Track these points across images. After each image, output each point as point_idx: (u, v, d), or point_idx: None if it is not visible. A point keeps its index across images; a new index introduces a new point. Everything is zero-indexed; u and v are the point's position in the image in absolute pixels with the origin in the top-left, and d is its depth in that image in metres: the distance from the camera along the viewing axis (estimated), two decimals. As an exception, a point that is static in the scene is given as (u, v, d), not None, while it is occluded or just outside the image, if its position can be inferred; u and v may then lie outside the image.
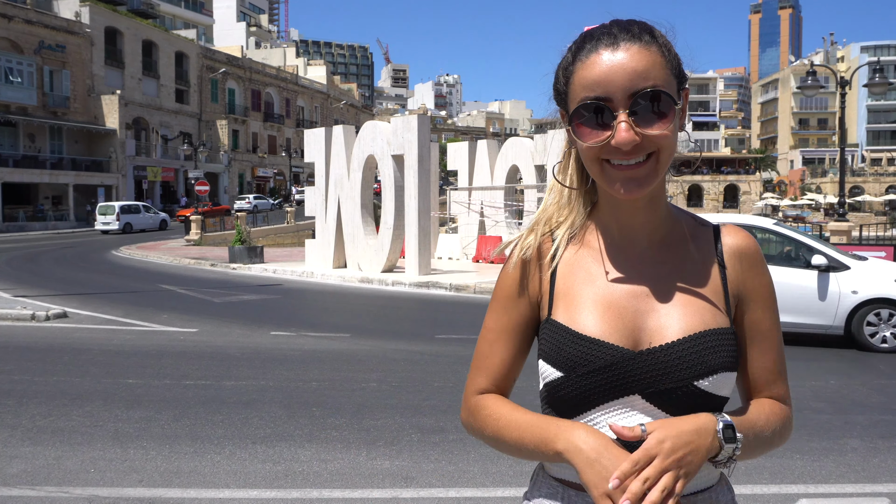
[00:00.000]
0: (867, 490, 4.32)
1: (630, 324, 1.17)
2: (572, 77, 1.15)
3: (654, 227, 1.22)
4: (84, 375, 7.34)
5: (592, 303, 1.19)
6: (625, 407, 1.15)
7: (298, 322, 11.02)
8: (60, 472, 4.60)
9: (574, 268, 1.24)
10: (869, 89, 19.59)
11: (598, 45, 1.12)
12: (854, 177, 72.65)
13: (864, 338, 8.67)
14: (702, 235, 1.26)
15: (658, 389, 1.14)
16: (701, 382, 1.14)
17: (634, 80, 1.09)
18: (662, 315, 1.17)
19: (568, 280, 1.23)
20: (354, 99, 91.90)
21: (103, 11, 50.11)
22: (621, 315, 1.17)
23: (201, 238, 30.71)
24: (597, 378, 1.14)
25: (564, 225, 1.27)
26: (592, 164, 1.15)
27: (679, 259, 1.22)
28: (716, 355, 1.14)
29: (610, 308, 1.18)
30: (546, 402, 1.23)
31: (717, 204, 74.71)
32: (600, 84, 1.11)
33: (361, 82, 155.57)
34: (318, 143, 19.13)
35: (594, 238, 1.25)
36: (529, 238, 1.28)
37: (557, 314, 1.21)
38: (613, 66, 1.10)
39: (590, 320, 1.17)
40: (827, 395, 6.57)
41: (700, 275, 1.22)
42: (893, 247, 12.95)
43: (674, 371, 1.13)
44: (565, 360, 1.16)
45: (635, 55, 1.10)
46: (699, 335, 1.15)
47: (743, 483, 4.35)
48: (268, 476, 4.54)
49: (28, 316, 11.06)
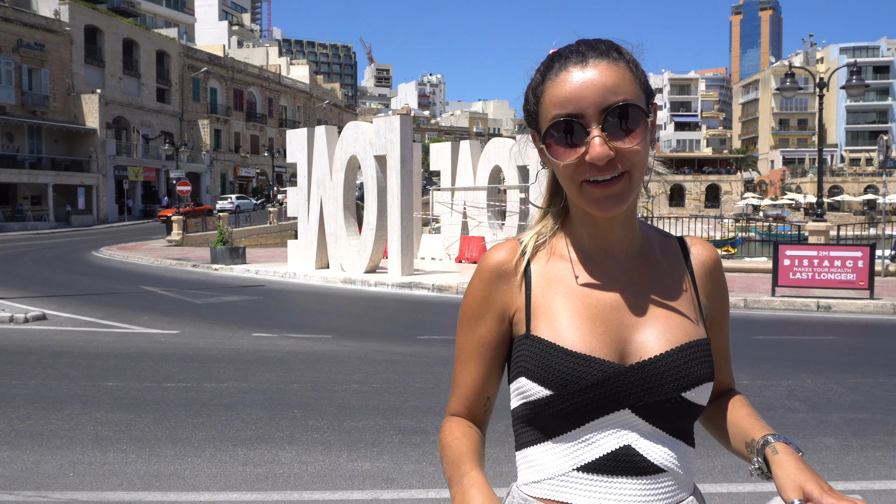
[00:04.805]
0: (840, 488, 4.36)
1: (616, 337, 1.16)
2: (543, 96, 1.15)
3: (630, 241, 1.23)
4: (63, 378, 7.29)
5: (577, 317, 1.17)
6: (615, 422, 1.14)
7: (280, 323, 11.00)
8: (39, 475, 4.57)
9: (551, 282, 1.20)
10: (847, 91, 19.83)
11: (567, 63, 1.12)
12: (833, 177, 73.46)
13: None
14: (670, 248, 1.28)
15: (648, 403, 1.13)
16: (688, 394, 1.15)
17: (605, 95, 1.09)
18: (647, 328, 1.17)
19: (546, 294, 1.19)
20: (337, 98, 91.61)
21: (83, 9, 49.60)
22: (608, 329, 1.16)
23: (183, 239, 30.52)
24: (589, 395, 1.12)
25: (532, 239, 1.25)
26: (570, 185, 1.14)
27: (654, 272, 1.23)
28: (700, 366, 1.16)
29: (595, 322, 1.16)
30: (526, 422, 1.20)
31: (698, 204, 75.26)
32: (571, 101, 1.11)
33: (344, 82, 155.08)
34: (301, 144, 19.09)
35: (569, 252, 1.23)
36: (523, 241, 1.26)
37: (539, 330, 1.17)
38: (584, 82, 1.10)
39: (577, 336, 1.15)
40: (802, 393, 6.66)
41: (675, 287, 1.24)
42: (870, 246, 13.12)
43: (664, 384, 1.14)
44: (555, 377, 1.13)
45: (604, 71, 1.11)
46: (684, 347, 1.16)
47: (718, 482, 4.42)
48: (248, 478, 4.54)
49: (6, 318, 10.96)
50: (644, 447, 1.14)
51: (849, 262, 12.70)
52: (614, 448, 1.14)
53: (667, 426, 1.16)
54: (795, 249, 13.32)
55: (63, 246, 30.68)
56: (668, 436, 1.16)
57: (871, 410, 6.16)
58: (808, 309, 12.43)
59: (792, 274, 12.96)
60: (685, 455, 1.19)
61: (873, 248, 13.10)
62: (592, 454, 1.14)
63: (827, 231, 18.58)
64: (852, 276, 12.63)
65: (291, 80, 78.05)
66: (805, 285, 12.92)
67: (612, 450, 1.14)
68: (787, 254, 13.08)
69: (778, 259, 13.08)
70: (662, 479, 1.15)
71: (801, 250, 13.24)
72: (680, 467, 1.17)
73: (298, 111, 77.38)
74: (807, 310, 12.42)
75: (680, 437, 1.18)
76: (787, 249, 13.24)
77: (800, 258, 12.94)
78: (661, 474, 1.15)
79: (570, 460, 1.15)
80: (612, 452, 1.14)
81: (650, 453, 1.14)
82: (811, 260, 12.84)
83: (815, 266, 12.81)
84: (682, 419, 1.17)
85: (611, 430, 1.14)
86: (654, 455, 1.14)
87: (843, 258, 12.79)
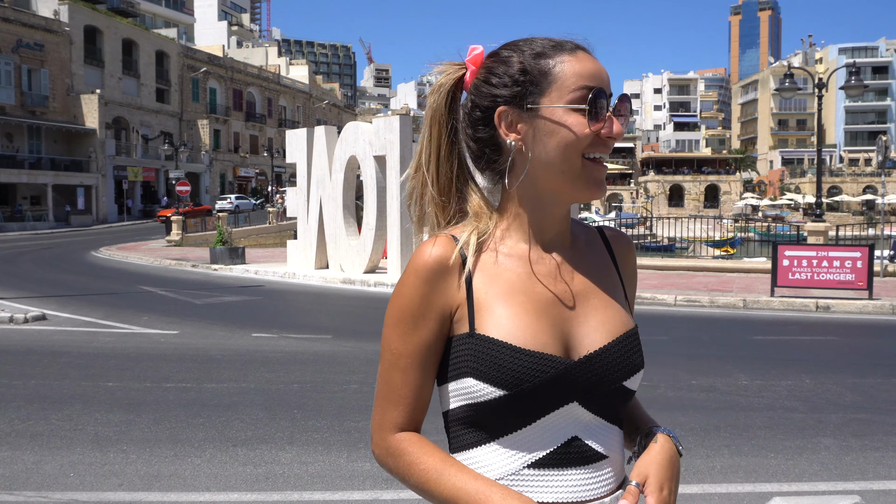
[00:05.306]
0: (839, 488, 4.41)
1: (560, 332, 1.16)
2: (556, 68, 1.15)
3: (566, 235, 1.25)
4: (63, 378, 7.30)
5: (523, 313, 1.15)
6: (563, 416, 1.14)
7: (280, 323, 11.01)
8: (39, 476, 4.58)
9: (492, 278, 1.17)
10: (846, 91, 19.84)
11: (577, 47, 1.17)
12: (832, 177, 73.50)
13: None
14: (594, 240, 1.31)
15: (594, 394, 1.15)
16: (628, 382, 1.18)
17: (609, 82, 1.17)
18: (588, 320, 1.19)
19: (489, 291, 1.16)
20: (337, 99, 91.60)
21: (82, 10, 49.58)
22: (553, 324, 1.16)
23: (182, 239, 30.51)
24: (543, 392, 1.11)
25: (474, 233, 1.20)
26: (574, 159, 1.15)
27: (587, 265, 1.25)
28: (636, 354, 1.19)
29: (541, 318, 1.15)
30: (468, 423, 1.17)
31: (697, 204, 75.35)
32: (596, 77, 1.15)
33: (344, 82, 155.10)
34: (300, 144, 19.09)
35: (507, 247, 1.20)
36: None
37: (485, 328, 1.13)
38: (600, 65, 1.16)
39: (528, 333, 1.13)
40: (801, 394, 6.67)
41: (607, 279, 1.26)
42: (869, 247, 13.13)
43: (609, 375, 1.16)
44: (508, 377, 1.10)
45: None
46: (623, 337, 1.19)
47: (718, 482, 4.43)
48: (248, 479, 4.55)
49: (6, 319, 10.96)
50: (589, 437, 1.16)
51: (848, 262, 12.71)
52: (563, 441, 1.15)
53: (607, 414, 1.18)
54: (794, 250, 13.34)
55: (62, 246, 30.67)
56: (607, 423, 1.19)
57: (869, 411, 6.17)
58: (807, 309, 12.45)
59: (791, 274, 12.97)
60: (620, 439, 1.23)
61: (872, 249, 13.11)
62: (543, 450, 1.14)
63: (826, 231, 18.59)
64: (851, 277, 12.64)
65: (291, 80, 78.03)
66: (804, 286, 12.93)
67: (562, 443, 1.15)
68: (786, 254, 13.09)
69: (777, 259, 13.10)
70: (605, 466, 1.18)
71: (800, 251, 13.25)
72: (618, 451, 1.21)
73: (298, 111, 77.36)
74: (806, 310, 12.43)
75: (615, 423, 1.21)
76: (786, 250, 13.26)
77: (799, 258, 12.95)
78: (604, 461, 1.17)
79: (520, 459, 1.14)
80: (561, 446, 1.15)
81: (594, 442, 1.17)
82: (810, 260, 12.86)
83: (814, 266, 12.82)
84: (620, 406, 1.20)
85: (560, 424, 1.14)
86: (597, 443, 1.17)
87: (841, 258, 12.80)
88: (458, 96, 1.24)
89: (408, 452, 1.18)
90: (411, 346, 1.17)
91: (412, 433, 1.21)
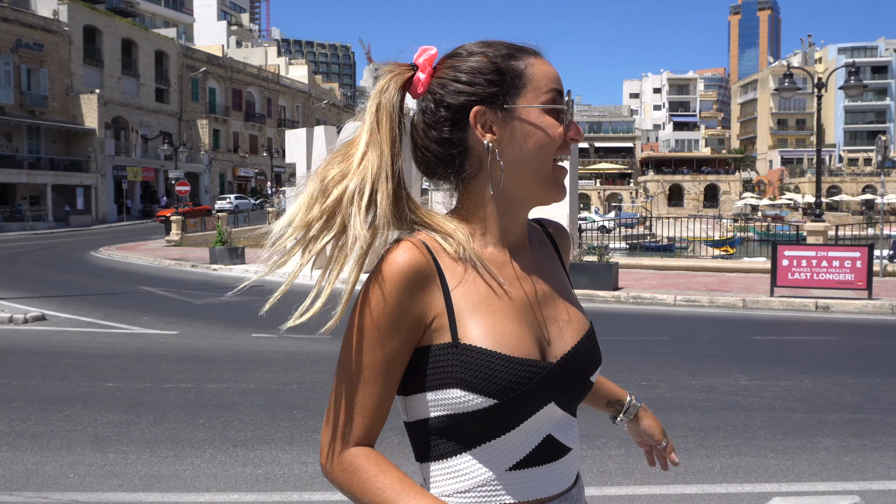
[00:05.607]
0: (839, 488, 4.41)
1: (537, 334, 1.15)
2: (527, 70, 1.15)
3: (525, 236, 1.25)
4: (63, 379, 7.30)
5: (506, 320, 1.12)
6: (542, 417, 1.14)
7: (280, 324, 10.94)
8: (39, 477, 4.58)
9: (468, 284, 1.13)
10: (845, 91, 19.85)
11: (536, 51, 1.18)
12: (831, 177, 73.52)
13: None
14: (542, 237, 1.32)
15: (568, 392, 1.17)
16: (592, 377, 1.21)
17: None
18: (557, 321, 1.19)
19: (467, 298, 1.12)
20: (336, 98, 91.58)
21: (82, 10, 49.57)
22: (531, 328, 1.15)
23: (182, 239, 30.50)
24: (531, 398, 1.10)
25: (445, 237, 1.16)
26: (546, 163, 1.15)
27: (545, 264, 1.26)
28: (597, 350, 1.23)
29: (521, 323, 1.14)
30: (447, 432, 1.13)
31: (697, 203, 75.37)
32: (559, 80, 1.17)
33: (343, 82, 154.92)
34: (300, 144, 19.08)
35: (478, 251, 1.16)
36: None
37: (469, 337, 1.09)
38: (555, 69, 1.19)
39: (514, 340, 1.11)
40: (801, 394, 6.68)
41: (561, 276, 1.28)
42: (868, 247, 13.14)
43: (581, 373, 1.18)
44: (499, 386, 1.07)
45: None
46: (587, 334, 1.21)
47: (717, 482, 4.43)
48: (248, 479, 4.55)
49: (6, 319, 10.96)
50: (559, 433, 1.17)
51: (847, 262, 12.72)
52: (540, 440, 1.15)
53: (573, 409, 1.20)
54: (794, 250, 13.34)
55: (62, 246, 30.67)
56: (572, 417, 1.21)
57: (869, 411, 6.17)
58: (807, 309, 12.45)
59: (790, 274, 12.97)
60: (577, 430, 1.25)
61: (871, 249, 13.11)
62: (523, 451, 1.14)
63: (825, 231, 18.60)
64: (851, 277, 12.65)
65: (290, 79, 78.02)
66: (803, 285, 12.93)
67: (539, 443, 1.15)
68: (785, 254, 13.10)
69: (776, 259, 13.10)
70: (570, 458, 1.20)
71: (800, 250, 13.26)
72: (577, 442, 1.23)
73: (297, 111, 77.35)
74: (805, 310, 12.44)
75: (575, 415, 1.23)
76: (786, 250, 13.27)
77: (798, 258, 12.95)
78: (569, 453, 1.19)
79: (502, 463, 1.13)
80: (538, 445, 1.15)
81: (564, 437, 1.18)
82: (810, 260, 12.86)
83: (813, 266, 12.82)
84: (581, 400, 1.23)
85: (538, 425, 1.14)
86: (566, 438, 1.18)
87: (841, 258, 12.81)
88: (403, 97, 1.20)
89: (363, 469, 1.12)
90: (379, 356, 1.11)
91: (367, 448, 1.15)
